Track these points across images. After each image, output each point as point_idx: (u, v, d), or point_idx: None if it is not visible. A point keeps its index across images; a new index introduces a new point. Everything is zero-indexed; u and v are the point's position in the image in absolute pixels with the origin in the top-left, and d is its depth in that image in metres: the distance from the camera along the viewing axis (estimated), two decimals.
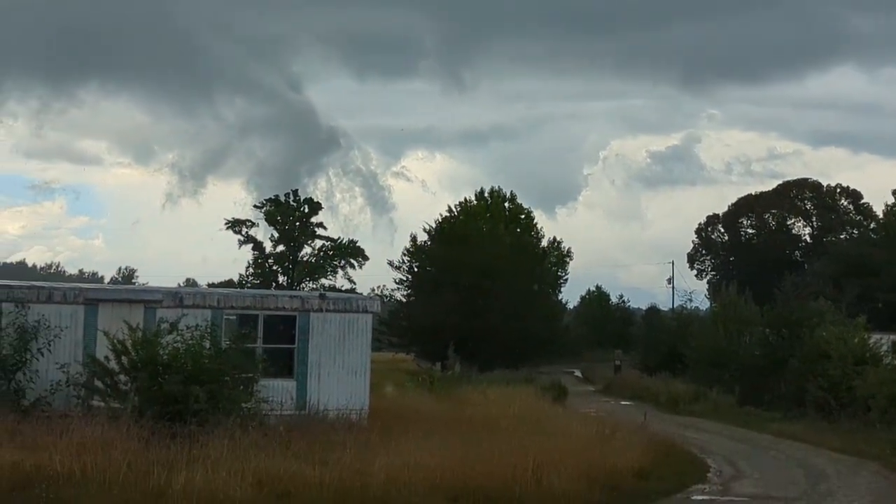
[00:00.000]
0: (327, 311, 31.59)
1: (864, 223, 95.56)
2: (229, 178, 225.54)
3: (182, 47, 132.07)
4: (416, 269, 77.80)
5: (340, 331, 31.53)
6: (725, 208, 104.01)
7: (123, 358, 25.50)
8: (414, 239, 79.06)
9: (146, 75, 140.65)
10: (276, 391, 29.00)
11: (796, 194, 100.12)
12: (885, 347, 42.50)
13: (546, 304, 79.90)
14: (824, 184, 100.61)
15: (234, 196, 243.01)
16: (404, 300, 78.79)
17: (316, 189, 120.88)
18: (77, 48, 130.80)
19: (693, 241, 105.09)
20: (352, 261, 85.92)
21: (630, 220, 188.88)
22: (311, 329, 31.18)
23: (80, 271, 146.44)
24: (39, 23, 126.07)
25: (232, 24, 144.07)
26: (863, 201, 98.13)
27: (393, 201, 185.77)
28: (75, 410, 25.73)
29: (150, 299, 30.05)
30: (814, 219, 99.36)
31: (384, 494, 19.80)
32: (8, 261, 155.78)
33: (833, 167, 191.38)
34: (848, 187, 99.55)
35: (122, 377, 25.64)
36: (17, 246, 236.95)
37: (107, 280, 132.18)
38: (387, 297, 78.59)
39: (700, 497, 24.42)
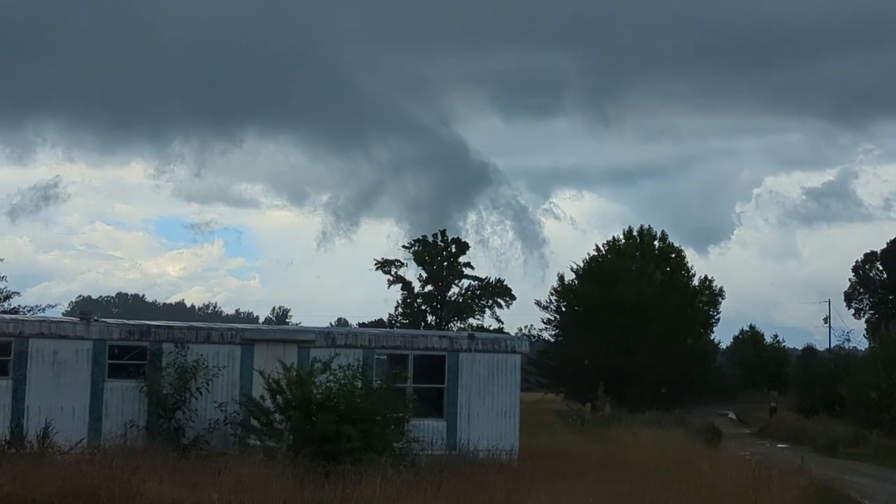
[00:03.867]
0: (476, 351, 31.75)
1: None
2: (382, 217, 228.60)
3: (336, 87, 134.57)
4: (563, 309, 77.56)
5: (489, 371, 31.68)
6: (884, 245, 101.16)
7: (278, 397, 26.02)
8: (561, 278, 78.98)
9: (302, 116, 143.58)
10: (427, 431, 29.25)
11: None
12: None
13: (698, 344, 78.79)
14: None
15: (387, 231, 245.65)
16: (552, 340, 78.59)
17: (466, 223, 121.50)
18: (238, 90, 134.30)
19: (850, 280, 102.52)
20: (499, 300, 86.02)
21: (785, 259, 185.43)
22: (461, 369, 31.40)
23: (237, 311, 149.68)
24: (203, 65, 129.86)
25: (383, 64, 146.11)
26: None
27: (544, 236, 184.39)
28: (232, 448, 26.36)
29: (304, 339, 30.61)
30: None
31: None
32: (168, 301, 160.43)
33: None
34: None
35: (277, 416, 26.16)
36: (177, 287, 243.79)
37: (261, 320, 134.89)
38: (535, 336, 78.49)
39: None
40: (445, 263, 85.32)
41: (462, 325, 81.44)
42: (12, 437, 26.66)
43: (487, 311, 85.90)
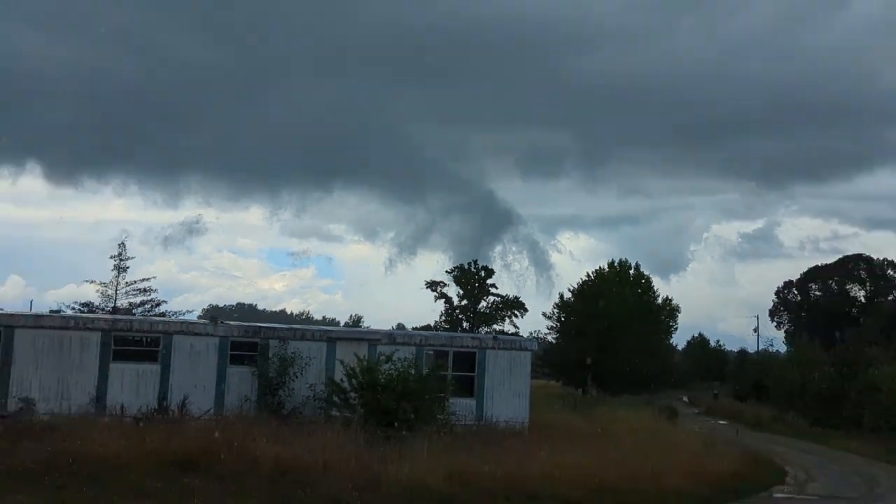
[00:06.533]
0: (498, 349, 31.52)
1: None
2: (433, 249, 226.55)
3: (402, 152, 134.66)
4: (563, 319, 77.03)
5: (508, 363, 31.41)
6: (798, 276, 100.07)
7: (353, 381, 25.89)
8: (561, 296, 78.48)
9: (377, 174, 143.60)
10: (461, 407, 28.99)
11: (854, 266, 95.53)
12: None
13: (660, 346, 77.98)
14: (876, 258, 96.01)
15: (437, 259, 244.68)
16: (554, 342, 78.01)
17: (494, 252, 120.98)
18: (330, 154, 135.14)
19: (773, 301, 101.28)
20: (516, 312, 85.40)
21: (726, 285, 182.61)
22: (487, 362, 31.16)
23: (324, 317, 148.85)
24: (305, 135, 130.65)
25: (437, 135, 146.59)
26: None
27: (551, 263, 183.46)
28: (319, 418, 26.20)
29: (373, 338, 30.49)
30: (867, 284, 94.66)
31: (539, 485, 19.53)
32: (274, 309, 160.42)
33: (883, 245, 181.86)
34: (894, 261, 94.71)
35: (352, 395, 26.02)
36: (280, 299, 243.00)
37: (342, 324, 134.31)
38: (542, 339, 77.86)
39: (781, 495, 23.43)
40: (477, 284, 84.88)
41: (488, 330, 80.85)
42: (159, 406, 26.71)
43: (507, 320, 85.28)
